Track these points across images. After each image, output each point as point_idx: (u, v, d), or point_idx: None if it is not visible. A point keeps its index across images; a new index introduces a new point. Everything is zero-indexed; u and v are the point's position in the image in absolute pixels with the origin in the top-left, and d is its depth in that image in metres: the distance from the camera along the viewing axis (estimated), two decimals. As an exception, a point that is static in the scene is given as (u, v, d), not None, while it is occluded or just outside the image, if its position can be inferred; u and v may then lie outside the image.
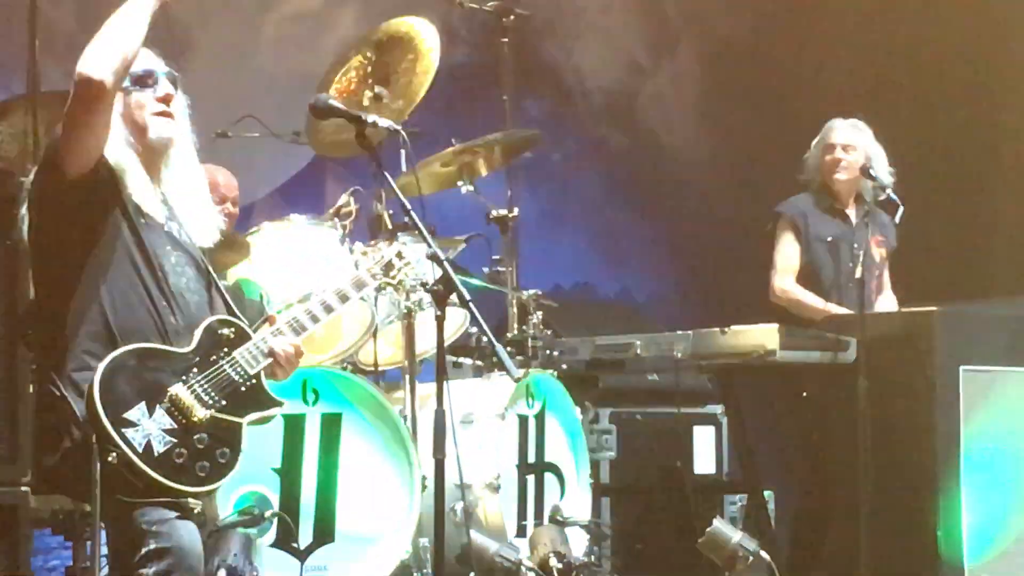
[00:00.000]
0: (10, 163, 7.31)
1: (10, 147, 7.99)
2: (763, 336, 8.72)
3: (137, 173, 5.94)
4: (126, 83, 5.95)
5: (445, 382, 6.38)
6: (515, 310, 8.85)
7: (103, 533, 6.78)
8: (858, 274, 8.80)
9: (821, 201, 9.39)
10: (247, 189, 10.48)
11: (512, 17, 9.36)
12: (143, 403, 5.72)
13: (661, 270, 12.84)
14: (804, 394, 8.87)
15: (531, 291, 8.99)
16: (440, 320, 6.32)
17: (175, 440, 5.73)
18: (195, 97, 9.34)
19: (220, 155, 10.06)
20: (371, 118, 6.38)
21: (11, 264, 6.60)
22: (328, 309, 6.30)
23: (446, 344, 7.00)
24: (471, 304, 6.39)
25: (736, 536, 8.61)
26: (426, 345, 8.10)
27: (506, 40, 9.30)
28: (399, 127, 6.79)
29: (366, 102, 8.53)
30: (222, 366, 5.88)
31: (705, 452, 9.82)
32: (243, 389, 5.93)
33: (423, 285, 6.88)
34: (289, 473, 7.51)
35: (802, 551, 8.84)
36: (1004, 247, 12.48)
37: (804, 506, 9.08)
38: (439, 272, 6.27)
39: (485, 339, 7.15)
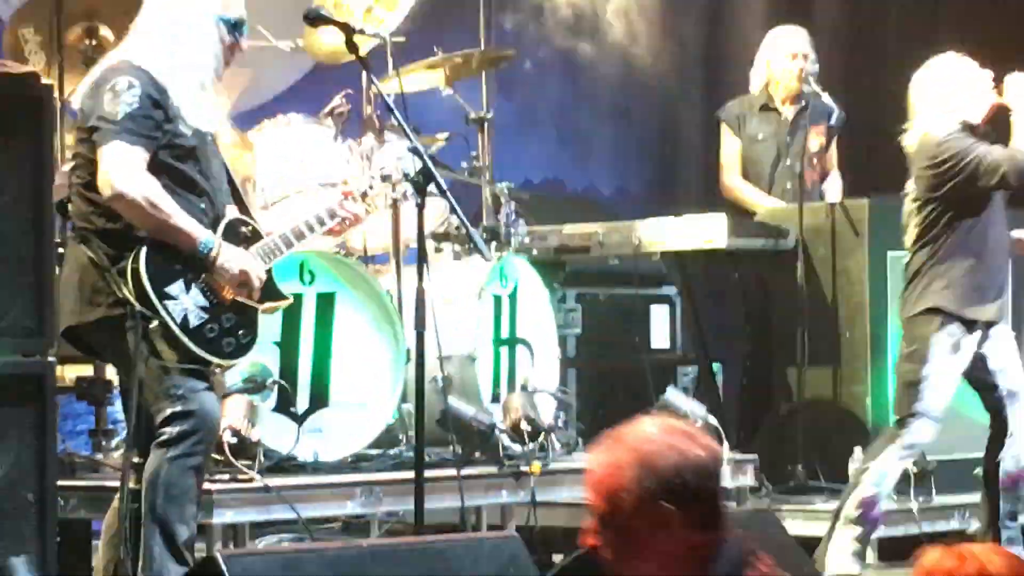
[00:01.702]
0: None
1: (38, 56, 7.98)
2: (712, 224, 8.79)
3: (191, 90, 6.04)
4: (224, 21, 6.11)
5: (426, 265, 6.49)
6: (489, 201, 8.89)
7: (120, 400, 6.90)
8: (796, 168, 8.86)
9: (757, 102, 9.41)
10: (254, 94, 10.51)
11: (487, -62, 9.41)
12: (182, 280, 5.87)
13: (624, 167, 12.84)
14: (736, 275, 8.89)
15: (504, 183, 9.03)
16: (420, 207, 6.39)
17: (207, 316, 5.94)
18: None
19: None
20: (358, 26, 6.42)
21: (39, 157, 6.61)
22: (321, 222, 6.46)
23: (428, 232, 7.08)
24: (448, 193, 6.46)
25: (687, 404, 8.69)
26: (409, 233, 8.14)
27: (482, -42, 9.35)
28: (385, 36, 6.84)
29: (360, 13, 8.55)
30: None
31: (660, 329, 9.83)
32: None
33: (405, 176, 6.94)
34: (288, 346, 7.54)
35: (746, 416, 8.89)
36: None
37: (748, 376, 9.13)
38: (419, 164, 6.34)
39: (462, 226, 7.21)
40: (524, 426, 7.99)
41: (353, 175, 6.83)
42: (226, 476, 7.10)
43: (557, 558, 6.20)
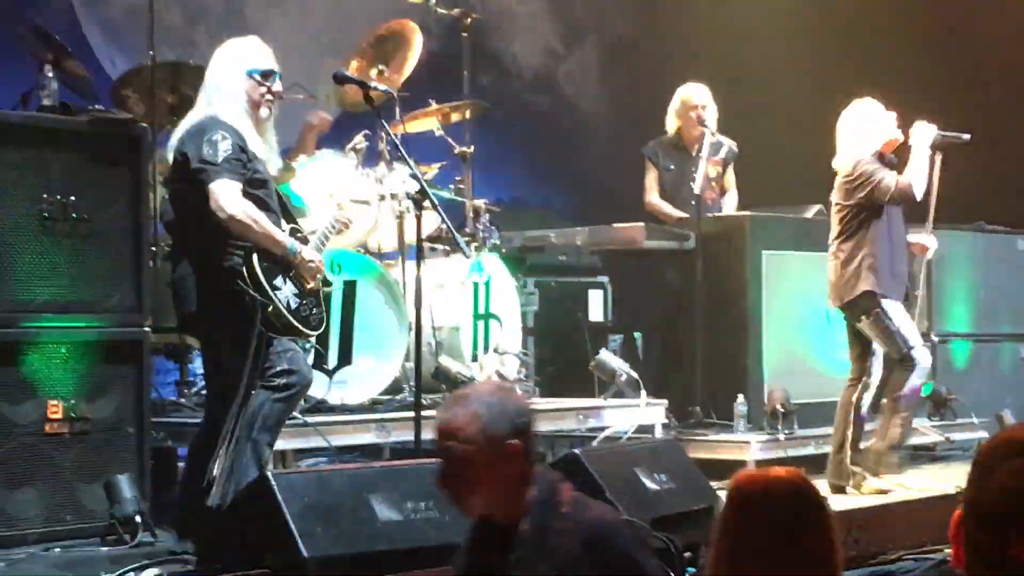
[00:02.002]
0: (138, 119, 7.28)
1: (137, 107, 7.99)
2: (634, 230, 8.84)
3: (251, 134, 6.04)
4: (254, 72, 6.07)
5: (423, 260, 6.53)
6: (470, 213, 8.91)
7: (200, 360, 6.91)
8: (696, 190, 8.88)
9: (670, 142, 9.42)
10: (295, 134, 10.53)
11: (469, 20, 9.37)
12: (281, 275, 5.96)
13: (571, 188, 12.88)
14: (653, 268, 8.89)
15: (481, 200, 9.05)
16: (419, 218, 6.44)
17: (300, 300, 6.03)
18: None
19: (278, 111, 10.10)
20: (373, 84, 6.43)
21: (138, 180, 6.63)
22: (334, 227, 6.48)
23: (424, 235, 7.10)
24: (439, 207, 6.50)
25: (616, 362, 8.72)
26: (411, 236, 8.14)
27: (465, 35, 9.30)
28: (394, 92, 6.86)
29: (374, 75, 8.55)
30: None
31: (596, 307, 9.84)
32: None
33: (407, 195, 6.96)
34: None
35: (659, 371, 8.89)
36: (792, 169, 12.57)
37: (660, 342, 9.14)
38: (418, 186, 6.37)
39: (449, 231, 7.23)
40: (495, 379, 8.05)
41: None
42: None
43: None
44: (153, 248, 7.25)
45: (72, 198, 6.34)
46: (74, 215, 6.35)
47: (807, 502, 2.83)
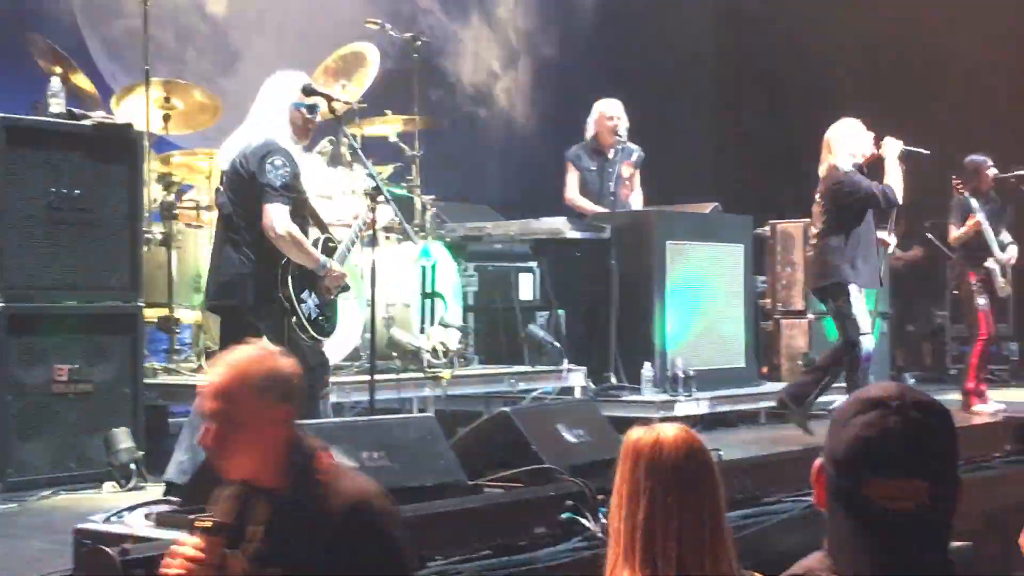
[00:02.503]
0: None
1: (135, 116, 7.96)
2: (558, 222, 8.83)
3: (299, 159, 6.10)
4: (301, 105, 6.10)
5: (378, 246, 6.52)
6: (419, 207, 8.91)
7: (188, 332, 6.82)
8: (612, 189, 8.92)
9: (590, 146, 9.44)
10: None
11: (419, 43, 9.36)
12: (308, 288, 6.00)
13: (506, 187, 12.88)
14: (575, 255, 8.91)
15: (429, 197, 9.05)
16: (374, 210, 6.41)
17: (320, 311, 6.07)
18: (242, 83, 9.23)
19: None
20: (337, 96, 6.41)
21: (134, 177, 6.60)
22: (357, 235, 6.50)
23: (380, 226, 7.09)
24: (392, 202, 6.48)
25: (543, 334, 8.75)
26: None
27: (416, 55, 9.29)
28: (353, 102, 6.83)
29: (337, 88, 8.53)
30: None
31: (527, 288, 9.82)
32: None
33: (365, 192, 6.95)
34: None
35: (579, 343, 8.89)
36: (689, 169, 12.68)
37: (581, 318, 9.14)
38: (374, 184, 6.35)
39: (401, 223, 7.23)
40: (440, 348, 8.04)
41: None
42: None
43: (460, 430, 6.24)
44: (147, 236, 7.21)
45: (77, 192, 6.35)
46: (79, 207, 6.35)
47: (692, 453, 2.85)
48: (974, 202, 9.24)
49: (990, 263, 9.36)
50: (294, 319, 5.91)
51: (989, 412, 8.88)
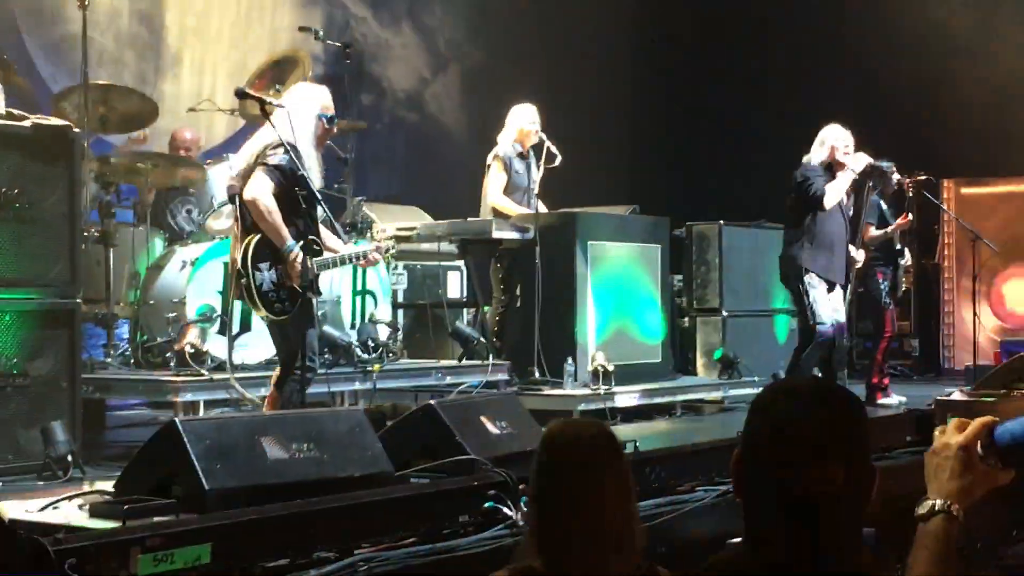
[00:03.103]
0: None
1: (74, 118, 7.88)
2: (484, 223, 8.82)
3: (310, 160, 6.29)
4: (323, 117, 6.38)
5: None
6: (351, 207, 8.87)
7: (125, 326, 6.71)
8: (535, 190, 8.92)
9: (514, 150, 9.39)
10: (207, 141, 10.38)
11: (350, 49, 9.34)
12: (270, 262, 6.08)
13: (435, 189, 12.77)
14: (500, 254, 8.90)
15: (360, 198, 9.00)
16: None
17: (274, 288, 6.11)
18: (180, 86, 9.09)
19: (192, 120, 9.95)
20: (269, 100, 6.36)
21: (71, 176, 6.48)
22: (357, 257, 6.54)
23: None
24: (322, 203, 6.41)
25: (469, 330, 8.75)
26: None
27: (348, 61, 9.27)
28: (285, 105, 6.76)
29: (272, 92, 8.46)
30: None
31: (455, 286, 9.88)
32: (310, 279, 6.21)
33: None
34: (226, 293, 7.45)
35: (503, 340, 8.90)
36: (608, 173, 12.71)
37: (506, 315, 9.12)
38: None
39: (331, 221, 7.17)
40: (370, 343, 8.00)
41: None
42: (187, 373, 7.05)
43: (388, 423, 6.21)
44: (84, 233, 7.11)
45: (16, 191, 6.22)
46: (17, 205, 6.22)
47: (599, 450, 2.84)
48: (883, 204, 9.37)
49: (898, 262, 9.49)
50: (243, 280, 6.01)
51: (892, 405, 8.99)
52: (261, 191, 6.04)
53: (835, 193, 8.23)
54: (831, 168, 8.39)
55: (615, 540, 2.74)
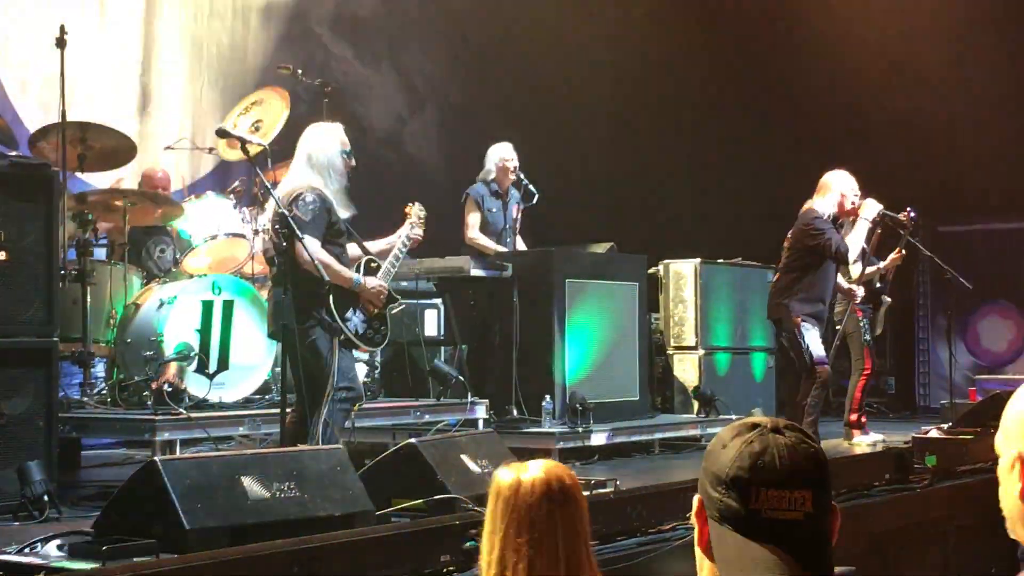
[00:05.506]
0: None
1: (51, 155, 7.90)
2: (462, 261, 8.82)
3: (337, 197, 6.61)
4: (344, 153, 6.65)
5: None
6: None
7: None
8: (512, 228, 8.95)
9: (490, 188, 9.43)
10: (184, 178, 10.38)
11: (329, 88, 9.37)
12: (351, 307, 6.45)
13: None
14: (477, 292, 8.90)
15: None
16: (288, 247, 6.38)
17: (367, 325, 6.55)
18: (158, 124, 9.08)
19: (167, 159, 9.96)
20: (248, 138, 6.39)
21: (50, 215, 6.47)
22: (404, 247, 7.02)
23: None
24: (304, 238, 6.42)
25: (447, 368, 8.73)
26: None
27: (327, 100, 9.30)
28: (265, 144, 6.81)
29: (250, 130, 8.50)
30: None
31: (432, 324, 9.87)
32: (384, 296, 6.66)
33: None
34: (204, 331, 7.45)
35: (482, 376, 8.89)
36: (590, 212, 12.73)
37: (484, 354, 9.12)
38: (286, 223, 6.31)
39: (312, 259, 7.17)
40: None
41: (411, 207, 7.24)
42: (165, 411, 7.03)
43: (367, 462, 6.18)
44: (62, 271, 7.10)
45: (-7, 229, 6.21)
46: (-5, 243, 6.20)
47: (552, 495, 2.82)
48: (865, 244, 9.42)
49: (881, 299, 9.54)
50: (342, 337, 6.34)
51: (869, 443, 9.01)
52: (315, 251, 6.26)
53: (856, 247, 8.32)
54: (836, 218, 8.43)
55: None
